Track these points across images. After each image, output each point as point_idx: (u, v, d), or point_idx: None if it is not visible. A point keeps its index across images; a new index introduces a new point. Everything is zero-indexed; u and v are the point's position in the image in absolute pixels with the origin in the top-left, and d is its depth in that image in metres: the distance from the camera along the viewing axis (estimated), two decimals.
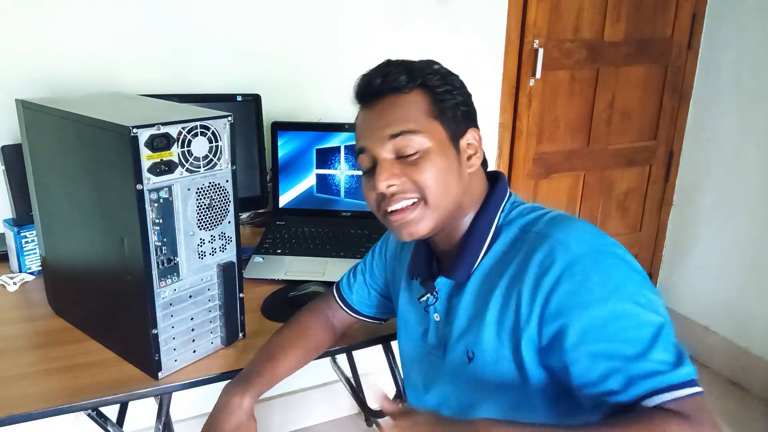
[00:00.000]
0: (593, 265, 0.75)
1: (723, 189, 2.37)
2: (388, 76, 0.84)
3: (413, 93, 0.84)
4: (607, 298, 0.73)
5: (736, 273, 2.35)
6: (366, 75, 0.87)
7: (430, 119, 0.84)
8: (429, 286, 0.93)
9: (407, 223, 0.84)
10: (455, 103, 0.85)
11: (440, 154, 0.83)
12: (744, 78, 2.26)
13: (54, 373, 1.00)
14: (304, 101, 1.79)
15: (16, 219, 1.35)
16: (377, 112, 0.85)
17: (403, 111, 0.83)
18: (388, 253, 1.08)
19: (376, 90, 0.85)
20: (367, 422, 2.10)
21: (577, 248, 0.76)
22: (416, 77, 0.84)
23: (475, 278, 0.87)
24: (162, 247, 0.94)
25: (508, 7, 2.04)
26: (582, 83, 2.27)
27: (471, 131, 0.88)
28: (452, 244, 0.90)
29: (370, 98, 0.86)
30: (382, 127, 0.84)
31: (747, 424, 2.14)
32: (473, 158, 0.88)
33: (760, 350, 2.27)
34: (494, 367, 0.83)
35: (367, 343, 1.16)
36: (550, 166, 2.32)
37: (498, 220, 0.88)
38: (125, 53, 1.57)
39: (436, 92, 0.84)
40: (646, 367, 0.70)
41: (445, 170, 0.83)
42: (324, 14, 1.77)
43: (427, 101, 0.84)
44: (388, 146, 0.83)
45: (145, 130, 0.88)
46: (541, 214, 0.86)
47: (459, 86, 0.87)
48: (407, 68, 0.85)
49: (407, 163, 0.83)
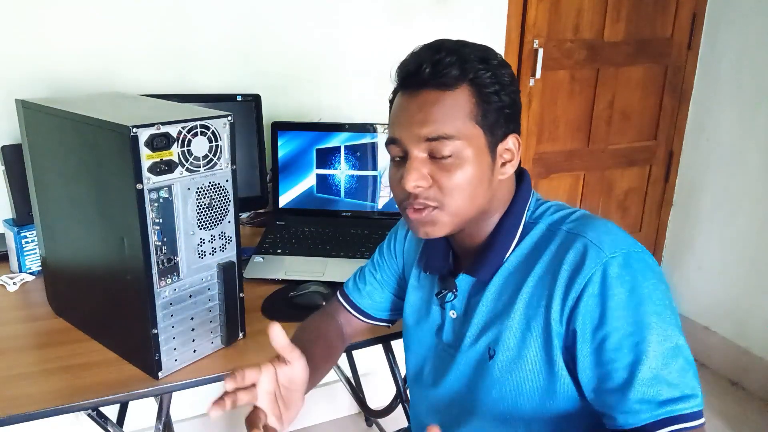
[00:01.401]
0: (625, 270, 0.74)
1: (723, 189, 2.38)
2: (439, 67, 0.77)
3: (459, 90, 0.78)
4: (637, 307, 0.73)
5: (736, 273, 2.35)
6: (415, 58, 0.80)
7: (471, 123, 0.79)
8: (449, 284, 0.90)
9: (425, 223, 0.82)
10: (501, 105, 0.80)
11: (475, 162, 0.80)
12: (744, 78, 2.26)
13: (54, 373, 1.00)
14: (304, 101, 1.79)
15: (16, 219, 1.35)
16: (418, 104, 0.80)
17: (446, 112, 0.78)
18: (397, 246, 1.06)
19: (422, 80, 0.79)
20: (367, 422, 2.10)
21: (610, 250, 0.75)
22: (467, 72, 0.78)
23: (499, 276, 0.85)
24: (162, 247, 0.94)
25: (508, 7, 2.04)
26: (582, 83, 2.27)
27: (511, 137, 0.83)
28: (475, 243, 0.88)
29: (413, 85, 0.80)
30: (421, 125, 0.79)
31: (747, 424, 2.14)
32: (507, 165, 0.84)
33: (760, 350, 2.27)
34: (517, 366, 0.81)
35: (367, 343, 1.16)
36: (550, 166, 2.32)
37: (525, 218, 0.86)
38: (125, 53, 1.57)
39: (484, 92, 0.79)
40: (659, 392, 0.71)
41: (475, 180, 0.80)
42: (324, 14, 1.77)
43: (472, 102, 0.79)
44: (422, 146, 0.80)
45: (145, 130, 0.88)
46: (569, 212, 0.85)
47: (509, 83, 0.81)
48: (460, 59, 0.78)
49: (439, 165, 0.80)
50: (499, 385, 0.83)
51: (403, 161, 0.82)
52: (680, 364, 0.72)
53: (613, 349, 0.73)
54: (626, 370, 0.72)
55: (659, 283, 0.75)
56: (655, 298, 0.74)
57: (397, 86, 0.84)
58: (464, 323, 0.89)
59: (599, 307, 0.74)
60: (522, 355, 0.81)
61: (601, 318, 0.74)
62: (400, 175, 0.81)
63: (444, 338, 0.93)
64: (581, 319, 0.75)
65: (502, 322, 0.83)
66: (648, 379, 0.71)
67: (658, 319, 0.73)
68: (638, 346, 0.72)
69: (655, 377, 0.71)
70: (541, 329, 0.79)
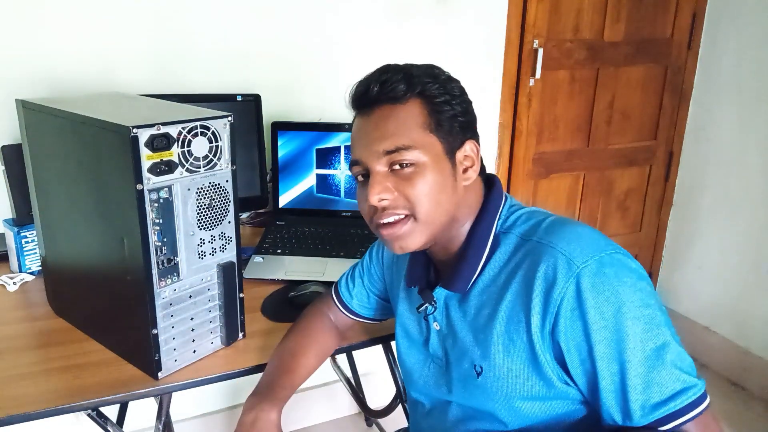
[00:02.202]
0: (598, 279, 0.74)
1: (723, 189, 2.37)
2: (386, 84, 0.81)
3: (410, 103, 0.81)
4: (615, 314, 0.73)
5: (736, 273, 2.35)
6: (363, 81, 0.84)
7: (426, 132, 0.81)
8: (427, 296, 0.91)
9: (398, 237, 0.83)
10: (453, 114, 0.83)
11: (435, 169, 0.81)
12: (744, 78, 2.26)
13: (54, 373, 1.00)
14: (305, 101, 1.80)
15: (16, 219, 1.35)
16: (373, 123, 0.83)
17: (400, 124, 0.81)
18: (385, 257, 1.07)
19: (372, 98, 0.82)
20: (367, 422, 2.10)
21: (580, 259, 0.75)
22: (414, 85, 0.81)
23: (476, 289, 0.85)
24: (162, 247, 0.94)
25: (508, 7, 2.04)
26: (582, 83, 2.27)
27: (469, 143, 0.85)
28: (450, 254, 0.89)
29: (366, 106, 0.84)
30: (378, 141, 0.81)
31: (747, 424, 2.14)
32: (469, 171, 0.85)
33: (760, 350, 2.27)
34: (507, 380, 0.81)
35: (367, 343, 1.16)
36: (550, 166, 2.32)
37: (496, 228, 0.86)
38: (125, 53, 1.57)
39: (434, 102, 0.82)
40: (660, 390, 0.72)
41: (438, 186, 0.81)
42: (324, 14, 1.77)
43: (424, 113, 0.81)
44: (382, 160, 0.82)
45: (145, 130, 0.88)
46: (540, 220, 0.84)
47: (458, 94, 0.84)
48: (406, 75, 0.82)
49: (401, 177, 0.81)
50: (493, 399, 0.84)
51: (367, 180, 0.84)
52: (668, 360, 0.72)
53: (600, 359, 0.74)
54: (616, 377, 0.73)
55: (637, 281, 0.75)
56: (634, 299, 0.74)
57: (353, 110, 0.87)
58: (448, 337, 0.90)
59: (579, 321, 0.74)
60: (510, 368, 0.81)
61: (584, 331, 0.74)
62: (366, 194, 0.82)
63: (431, 351, 0.94)
64: (563, 334, 0.76)
65: (485, 338, 0.83)
66: (637, 385, 0.72)
67: (638, 322, 0.73)
68: (622, 355, 0.73)
69: (644, 382, 0.72)
70: (524, 344, 0.79)
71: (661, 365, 0.72)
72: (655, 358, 0.72)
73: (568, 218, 0.85)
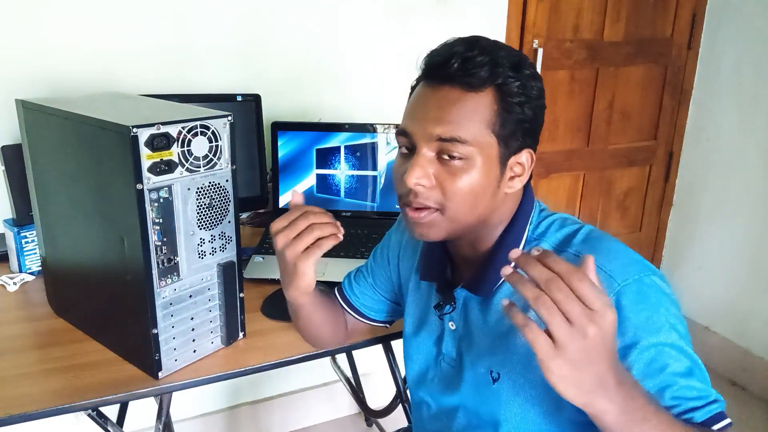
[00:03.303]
0: (639, 297, 0.72)
1: (723, 189, 2.38)
2: (469, 64, 0.74)
3: (484, 93, 0.75)
4: (656, 333, 0.72)
5: (736, 273, 2.35)
6: (444, 50, 0.77)
7: (488, 131, 0.76)
8: (447, 296, 0.88)
9: (420, 225, 0.80)
10: (521, 118, 0.77)
11: (483, 171, 0.77)
12: (744, 78, 2.26)
13: (54, 373, 1.00)
14: (304, 101, 1.79)
15: (16, 219, 1.35)
16: (438, 99, 0.76)
17: (465, 114, 0.75)
18: (390, 253, 1.05)
19: (448, 74, 0.76)
20: (367, 422, 2.10)
21: (621, 277, 0.73)
22: (497, 76, 0.75)
23: (500, 294, 0.82)
24: (162, 247, 0.94)
25: (508, 7, 2.04)
26: (582, 83, 2.27)
27: (525, 152, 0.80)
28: (476, 255, 0.85)
29: (438, 78, 0.77)
30: (436, 122, 0.76)
31: (747, 424, 2.14)
32: (516, 180, 0.81)
33: (760, 350, 2.27)
34: (523, 390, 0.80)
35: (367, 343, 1.16)
36: (550, 166, 2.32)
37: (527, 233, 0.83)
38: (125, 53, 1.57)
39: (507, 101, 0.76)
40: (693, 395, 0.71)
41: (480, 189, 0.77)
42: (324, 14, 1.77)
43: (493, 110, 0.76)
44: (433, 145, 0.77)
45: (145, 130, 0.88)
46: (574, 230, 0.82)
47: (536, 97, 0.78)
48: (492, 61, 0.75)
49: (446, 167, 0.77)
50: (505, 407, 0.82)
51: (410, 154, 0.79)
52: (699, 377, 0.73)
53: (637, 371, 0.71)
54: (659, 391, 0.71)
55: (672, 307, 0.74)
56: (672, 323, 0.73)
57: (421, 75, 0.80)
58: (464, 339, 0.88)
59: (619, 337, 0.70)
60: (528, 379, 0.79)
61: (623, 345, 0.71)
62: (404, 170, 0.78)
63: (444, 350, 0.92)
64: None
65: (506, 346, 0.81)
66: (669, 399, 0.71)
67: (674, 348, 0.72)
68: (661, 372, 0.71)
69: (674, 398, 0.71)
70: None
71: (699, 375, 0.73)
72: (696, 370, 0.72)
73: (603, 232, 0.82)
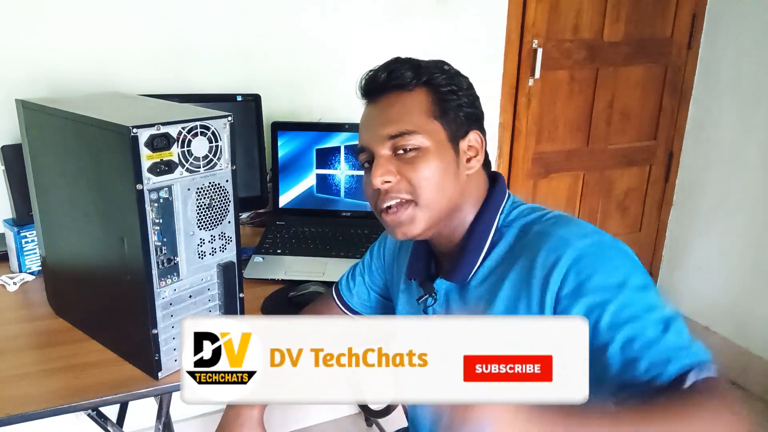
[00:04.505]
0: (599, 258, 0.74)
1: (723, 189, 2.37)
2: (394, 72, 0.84)
3: (416, 91, 0.84)
4: (619, 287, 0.72)
5: (736, 273, 2.35)
6: (372, 70, 0.87)
7: (430, 119, 0.84)
8: (428, 288, 0.92)
9: (400, 223, 0.85)
10: (459, 104, 0.85)
11: (437, 154, 0.83)
12: (744, 78, 2.26)
13: (54, 373, 1.00)
14: (304, 101, 1.79)
15: (16, 219, 1.35)
16: (379, 109, 0.86)
17: (404, 109, 0.84)
18: (386, 253, 1.08)
19: (380, 85, 0.85)
20: (367, 422, 2.10)
21: (580, 243, 0.76)
22: (421, 75, 0.84)
23: (475, 281, 0.86)
24: (162, 247, 0.94)
25: (508, 7, 2.04)
26: (581, 83, 2.27)
27: (473, 133, 0.87)
28: (452, 246, 0.90)
29: (373, 94, 0.87)
30: (382, 126, 0.84)
31: None
32: (473, 160, 0.87)
33: (760, 350, 2.27)
34: None
35: None
36: (550, 166, 2.32)
37: (498, 221, 0.87)
38: (125, 53, 1.57)
39: (440, 92, 0.84)
40: (673, 346, 0.69)
41: (440, 171, 0.83)
42: (324, 14, 1.77)
43: (429, 100, 0.84)
44: (386, 144, 0.84)
45: (145, 130, 0.88)
46: (541, 214, 0.86)
47: (465, 88, 0.87)
48: (414, 66, 0.85)
49: (404, 161, 0.83)
50: None
51: (372, 166, 0.86)
52: (679, 329, 0.71)
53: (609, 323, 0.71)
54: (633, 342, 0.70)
55: (637, 264, 0.75)
56: (638, 275, 0.73)
57: (362, 99, 0.89)
58: None
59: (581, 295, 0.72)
60: None
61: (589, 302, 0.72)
62: (370, 178, 0.85)
63: None
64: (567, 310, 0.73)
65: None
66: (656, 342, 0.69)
67: (645, 293, 0.72)
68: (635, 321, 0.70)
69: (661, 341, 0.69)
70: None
71: (675, 325, 0.70)
72: (671, 320, 0.70)
73: (571, 215, 0.85)
